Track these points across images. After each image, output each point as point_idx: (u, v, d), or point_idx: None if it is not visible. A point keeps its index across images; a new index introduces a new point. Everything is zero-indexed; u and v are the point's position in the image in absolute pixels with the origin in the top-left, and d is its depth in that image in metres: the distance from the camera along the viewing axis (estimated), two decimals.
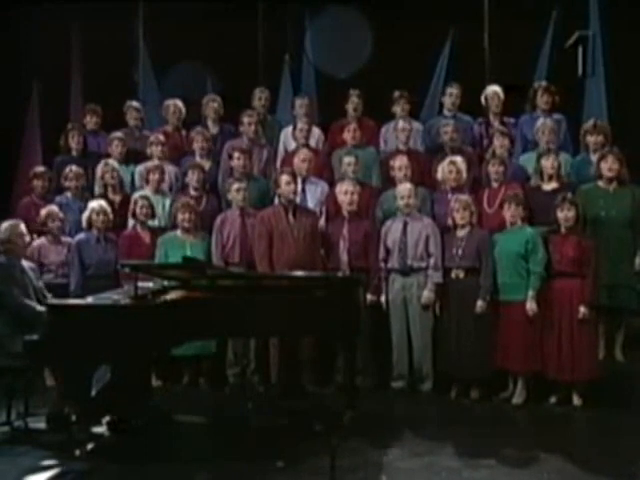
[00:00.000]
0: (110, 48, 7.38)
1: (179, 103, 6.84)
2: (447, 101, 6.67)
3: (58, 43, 7.63)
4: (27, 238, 5.19)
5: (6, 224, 5.06)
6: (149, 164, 6.26)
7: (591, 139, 5.91)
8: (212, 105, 6.77)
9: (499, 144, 5.99)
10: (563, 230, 5.28)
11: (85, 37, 7.71)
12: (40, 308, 4.75)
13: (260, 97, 6.88)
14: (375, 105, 6.74)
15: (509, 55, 7.07)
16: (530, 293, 5.21)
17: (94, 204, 5.71)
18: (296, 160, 6.06)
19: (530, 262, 5.25)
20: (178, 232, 5.72)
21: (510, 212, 5.37)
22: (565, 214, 5.25)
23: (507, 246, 5.33)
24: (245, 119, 6.46)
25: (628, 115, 6.75)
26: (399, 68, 7.07)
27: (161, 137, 6.48)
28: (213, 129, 6.71)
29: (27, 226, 5.19)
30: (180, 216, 5.68)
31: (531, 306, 5.21)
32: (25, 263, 5.05)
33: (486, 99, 6.58)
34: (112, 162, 6.25)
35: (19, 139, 7.49)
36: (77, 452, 4.34)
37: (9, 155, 7.36)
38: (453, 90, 6.65)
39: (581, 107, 6.96)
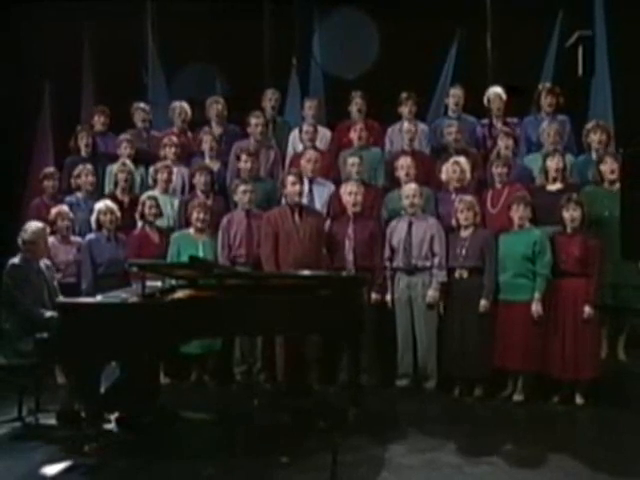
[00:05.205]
0: (119, 48, 7.43)
1: (185, 105, 6.91)
2: (450, 102, 6.71)
3: (69, 43, 7.66)
4: (49, 242, 5.28)
5: (33, 226, 5.07)
6: (158, 164, 6.31)
7: (594, 137, 5.92)
8: (215, 107, 6.82)
9: (504, 145, 6.02)
10: (569, 230, 5.30)
11: (95, 37, 7.74)
12: (49, 314, 4.78)
13: (270, 98, 6.92)
14: (382, 106, 6.77)
15: (515, 56, 7.09)
16: (536, 295, 5.24)
17: (100, 205, 5.75)
18: (302, 161, 6.12)
19: (537, 264, 5.27)
20: (191, 230, 5.80)
21: (518, 213, 5.38)
22: (571, 214, 5.27)
23: (513, 247, 5.35)
24: (252, 120, 6.51)
25: (634, 115, 6.75)
26: (406, 69, 7.10)
27: (174, 139, 6.53)
28: (217, 130, 6.75)
29: None
30: (195, 215, 5.74)
31: (537, 308, 5.23)
32: (41, 262, 5.09)
33: (488, 101, 6.61)
34: (129, 164, 6.29)
35: (30, 140, 7.50)
36: (86, 448, 4.40)
37: (21, 156, 7.40)
38: (455, 91, 6.70)
39: (587, 108, 6.98)
